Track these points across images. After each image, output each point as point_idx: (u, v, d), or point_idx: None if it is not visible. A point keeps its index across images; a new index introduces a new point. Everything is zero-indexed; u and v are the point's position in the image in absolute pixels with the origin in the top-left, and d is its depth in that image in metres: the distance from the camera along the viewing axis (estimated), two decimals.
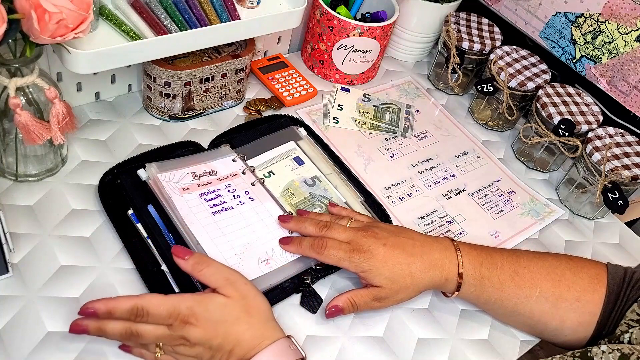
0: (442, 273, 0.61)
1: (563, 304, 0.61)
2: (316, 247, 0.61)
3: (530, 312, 0.62)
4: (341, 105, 0.89)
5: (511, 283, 0.62)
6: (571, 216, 0.84)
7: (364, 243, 0.61)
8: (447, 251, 0.62)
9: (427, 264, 0.61)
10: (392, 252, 0.60)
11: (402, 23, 0.98)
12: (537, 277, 0.62)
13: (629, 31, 0.82)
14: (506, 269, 0.62)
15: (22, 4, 0.50)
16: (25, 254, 0.60)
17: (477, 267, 0.62)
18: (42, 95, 0.60)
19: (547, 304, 0.61)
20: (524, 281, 0.62)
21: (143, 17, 0.69)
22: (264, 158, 0.75)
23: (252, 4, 0.77)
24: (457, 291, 0.62)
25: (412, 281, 0.60)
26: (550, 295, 0.61)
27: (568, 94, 0.87)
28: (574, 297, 0.61)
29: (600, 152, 0.78)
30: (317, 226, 0.63)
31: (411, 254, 0.61)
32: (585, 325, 0.61)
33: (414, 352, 0.63)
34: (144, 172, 0.67)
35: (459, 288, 0.62)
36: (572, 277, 0.62)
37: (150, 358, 0.54)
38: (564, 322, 0.61)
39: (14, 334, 0.54)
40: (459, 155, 0.88)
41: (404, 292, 0.61)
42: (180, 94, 0.76)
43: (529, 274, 0.62)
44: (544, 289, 0.61)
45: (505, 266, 0.62)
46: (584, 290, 0.61)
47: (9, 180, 0.66)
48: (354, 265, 0.60)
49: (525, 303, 0.62)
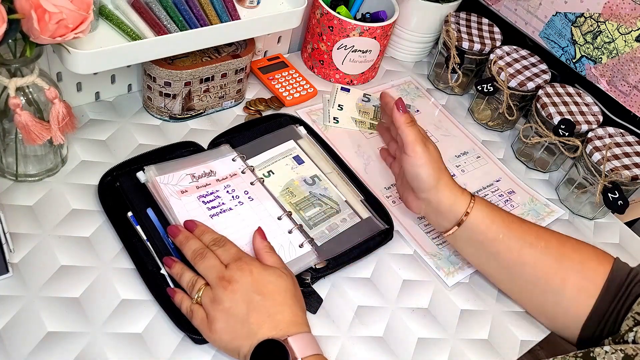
0: (456, 191, 0.65)
1: (567, 262, 0.62)
2: None
3: (535, 261, 0.63)
4: (341, 105, 0.89)
5: (519, 226, 0.64)
6: (571, 216, 0.84)
7: None
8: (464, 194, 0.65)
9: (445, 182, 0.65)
10: None
11: (402, 23, 0.98)
12: (543, 233, 0.64)
13: (629, 31, 0.82)
14: (514, 218, 0.65)
15: (22, 4, 0.50)
16: (25, 254, 0.60)
17: (488, 205, 0.65)
18: (42, 95, 0.60)
19: (551, 258, 0.62)
20: (531, 229, 0.64)
21: (143, 17, 0.69)
22: (264, 157, 0.75)
23: (252, 4, 0.77)
24: (458, 226, 0.64)
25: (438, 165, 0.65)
26: (554, 250, 0.63)
27: (568, 94, 0.87)
28: (578, 260, 0.62)
29: (600, 152, 0.78)
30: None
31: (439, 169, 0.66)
32: (586, 293, 0.61)
33: (414, 352, 0.63)
34: (143, 175, 0.67)
35: (460, 224, 0.64)
36: (577, 245, 0.65)
37: (187, 305, 0.56)
38: (566, 282, 0.62)
39: (14, 334, 0.54)
40: (459, 155, 0.88)
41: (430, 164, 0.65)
42: (180, 94, 0.76)
43: (535, 229, 0.65)
44: (550, 243, 0.63)
45: (513, 218, 0.65)
46: (589, 257, 0.63)
47: (9, 180, 0.66)
48: None
49: (530, 250, 0.63)
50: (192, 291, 0.57)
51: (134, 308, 0.59)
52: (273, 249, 0.62)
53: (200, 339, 0.57)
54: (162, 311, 0.59)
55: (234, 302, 0.54)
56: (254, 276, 0.56)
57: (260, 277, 0.56)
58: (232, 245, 0.60)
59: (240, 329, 0.54)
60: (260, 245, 0.62)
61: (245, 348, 0.53)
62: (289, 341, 0.53)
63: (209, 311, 0.55)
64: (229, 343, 0.54)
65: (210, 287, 0.56)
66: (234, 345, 0.54)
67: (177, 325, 0.57)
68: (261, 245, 0.62)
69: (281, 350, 0.52)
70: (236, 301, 0.54)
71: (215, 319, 0.54)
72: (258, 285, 0.56)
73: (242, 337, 0.54)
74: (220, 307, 0.54)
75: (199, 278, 0.57)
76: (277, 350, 0.52)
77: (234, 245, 0.60)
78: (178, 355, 0.57)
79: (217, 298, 0.55)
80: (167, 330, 0.58)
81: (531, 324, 0.69)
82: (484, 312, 0.69)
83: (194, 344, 0.58)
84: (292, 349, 0.52)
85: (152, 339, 0.57)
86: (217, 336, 0.54)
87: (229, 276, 0.56)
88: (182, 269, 0.59)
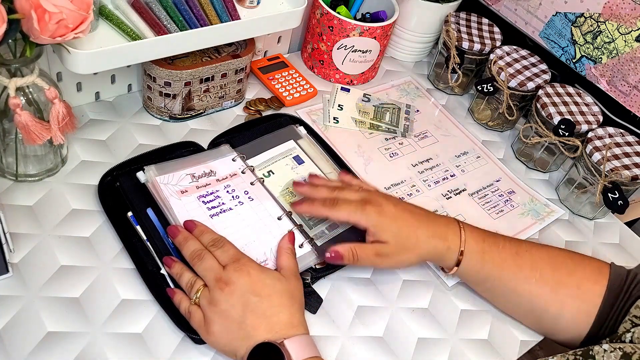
0: (445, 243, 0.62)
1: (563, 289, 0.62)
2: (328, 204, 0.63)
3: (530, 294, 0.62)
4: (341, 105, 0.89)
5: (512, 262, 0.63)
6: (571, 216, 0.84)
7: (376, 199, 0.63)
8: (451, 225, 0.64)
9: (431, 232, 0.62)
10: (402, 213, 0.62)
11: (402, 23, 0.98)
12: (538, 261, 0.63)
13: (629, 31, 0.82)
14: (507, 248, 0.63)
15: (22, 4, 0.50)
16: (25, 254, 0.60)
17: (479, 242, 0.63)
18: (42, 95, 0.60)
19: (547, 288, 0.62)
20: (525, 262, 0.63)
21: (143, 17, 0.69)
22: (264, 157, 0.75)
23: (252, 4, 0.77)
24: (457, 266, 0.63)
25: (416, 243, 0.62)
26: (550, 279, 0.62)
27: (568, 94, 0.87)
28: (574, 284, 0.62)
29: (600, 152, 0.78)
30: (330, 188, 0.65)
31: (418, 220, 0.63)
32: (584, 315, 0.61)
33: (414, 352, 0.63)
34: (143, 175, 0.67)
35: (459, 264, 0.63)
36: (573, 266, 0.63)
37: (186, 306, 0.57)
38: (564, 308, 0.61)
39: (14, 334, 0.54)
40: (459, 155, 0.88)
41: (406, 254, 0.62)
42: (180, 94, 0.76)
43: (529, 256, 0.63)
44: (545, 272, 0.62)
45: (506, 246, 0.64)
46: (586, 279, 0.62)
47: (9, 180, 0.66)
48: (365, 217, 0.61)
49: (525, 284, 0.62)
50: (190, 292, 0.57)
51: (134, 308, 0.59)
52: (294, 254, 0.63)
53: (200, 339, 0.57)
54: (162, 311, 0.59)
55: (231, 304, 0.54)
56: (251, 277, 0.56)
57: (258, 278, 0.56)
58: (230, 246, 0.60)
59: (237, 331, 0.54)
60: (285, 245, 0.63)
61: (242, 350, 0.53)
62: (285, 344, 0.53)
63: (206, 312, 0.55)
64: (225, 345, 0.54)
65: (208, 289, 0.56)
66: (231, 347, 0.54)
67: (177, 325, 0.57)
68: (285, 246, 0.63)
69: (277, 353, 0.52)
70: (233, 303, 0.54)
71: (212, 320, 0.54)
72: (255, 287, 0.55)
73: (238, 339, 0.53)
74: (217, 309, 0.54)
75: (198, 279, 0.57)
76: (273, 353, 0.52)
77: (233, 246, 0.60)
78: (178, 355, 0.57)
79: (214, 300, 0.55)
80: (167, 330, 0.58)
81: None
82: (484, 312, 0.69)
83: (194, 344, 0.58)
84: (288, 352, 0.52)
85: (152, 339, 0.57)
86: (214, 338, 0.54)
87: (226, 278, 0.56)
88: (182, 269, 0.59)
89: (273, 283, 0.57)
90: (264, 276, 0.57)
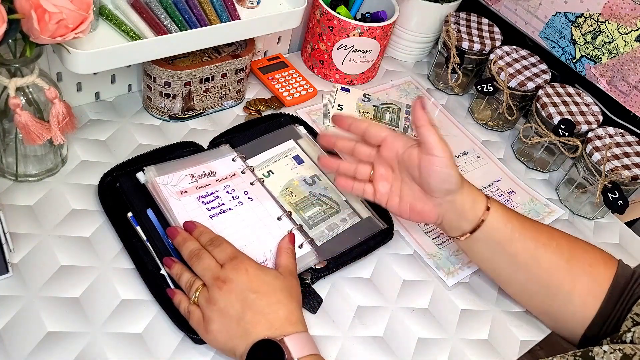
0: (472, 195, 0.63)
1: (577, 263, 0.62)
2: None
3: (548, 262, 0.63)
4: (341, 105, 0.89)
5: (531, 226, 0.64)
6: (571, 216, 0.84)
7: None
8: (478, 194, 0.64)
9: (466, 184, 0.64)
10: None
11: (402, 23, 0.98)
12: (554, 233, 0.65)
13: (629, 31, 0.82)
14: (528, 220, 0.65)
15: (22, 4, 0.50)
16: (25, 254, 0.60)
17: (503, 207, 0.64)
18: (42, 95, 0.60)
19: (562, 260, 0.63)
20: (543, 231, 0.64)
21: (143, 17, 0.69)
22: (264, 157, 0.75)
23: (252, 4, 0.77)
24: (479, 227, 0.62)
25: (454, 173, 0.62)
26: (566, 250, 0.63)
27: (568, 94, 0.87)
28: (587, 262, 0.63)
29: (600, 152, 0.78)
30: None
31: None
32: (592, 298, 0.61)
33: (414, 352, 0.63)
34: (143, 175, 0.67)
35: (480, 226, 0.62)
36: (585, 246, 0.65)
37: (185, 306, 0.57)
38: (575, 285, 0.62)
39: (14, 334, 0.54)
40: (459, 155, 0.88)
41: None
42: (180, 94, 0.76)
43: (547, 228, 0.66)
44: (561, 243, 0.64)
45: (527, 220, 0.65)
46: (597, 260, 0.63)
47: (9, 180, 0.66)
48: None
49: (543, 250, 0.63)
50: (189, 292, 0.57)
51: (134, 308, 0.59)
52: (294, 254, 0.63)
53: (200, 339, 0.57)
54: (162, 311, 0.59)
55: (229, 302, 0.54)
56: (249, 275, 0.56)
57: (256, 276, 0.56)
58: (228, 245, 0.60)
59: (236, 329, 0.54)
60: (285, 245, 0.63)
61: (241, 348, 0.53)
62: (285, 341, 0.53)
63: (205, 311, 0.55)
64: (224, 344, 0.54)
65: (207, 288, 0.56)
66: (230, 345, 0.54)
67: (177, 325, 0.57)
68: (285, 246, 0.63)
69: (277, 350, 0.52)
70: (231, 301, 0.54)
71: (210, 319, 0.54)
72: (253, 284, 0.56)
73: (237, 337, 0.53)
74: (216, 308, 0.54)
75: (197, 279, 0.57)
76: (272, 350, 0.52)
77: (230, 245, 0.60)
78: (178, 355, 0.57)
79: (212, 298, 0.55)
80: (167, 330, 0.58)
81: (531, 324, 0.69)
82: (484, 312, 0.69)
83: (194, 344, 0.58)
84: (288, 349, 0.52)
85: (152, 339, 0.57)
86: (213, 336, 0.54)
87: (224, 276, 0.56)
88: (181, 269, 0.59)
89: (271, 280, 0.57)
90: (261, 274, 0.57)
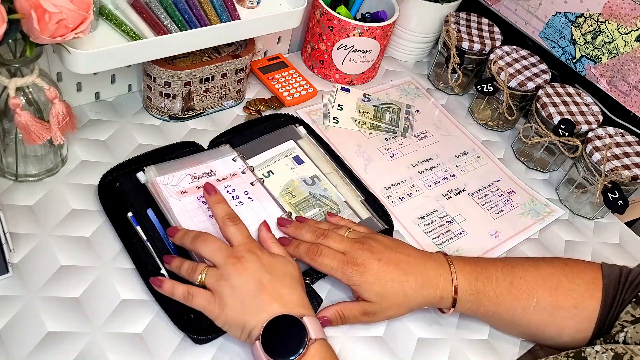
0: (437, 291, 0.60)
1: (560, 312, 0.61)
2: (311, 254, 0.61)
3: (528, 322, 0.62)
4: (341, 105, 0.89)
5: (508, 295, 0.61)
6: (571, 216, 0.84)
7: (358, 256, 0.60)
8: (441, 269, 0.61)
9: (420, 282, 0.60)
10: (386, 268, 0.59)
11: (402, 23, 0.98)
12: (533, 287, 0.61)
13: (629, 31, 0.82)
14: (501, 281, 0.61)
15: (22, 4, 0.50)
16: (25, 254, 0.60)
17: (473, 282, 0.61)
18: (42, 95, 0.60)
19: (545, 314, 0.61)
20: (521, 292, 0.61)
21: (143, 17, 0.69)
22: (264, 157, 0.75)
23: (252, 4, 0.77)
24: (453, 307, 0.62)
25: (404, 299, 0.60)
26: (547, 304, 0.61)
27: (568, 94, 0.87)
28: (571, 305, 0.61)
29: (600, 152, 0.78)
30: (315, 233, 0.63)
31: (405, 272, 0.60)
32: (583, 331, 0.61)
33: (414, 352, 0.63)
34: (143, 175, 0.67)
35: (455, 304, 0.61)
36: (568, 285, 0.62)
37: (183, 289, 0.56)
38: (562, 330, 0.61)
39: (14, 334, 0.54)
40: (459, 155, 0.88)
41: (394, 309, 0.61)
42: (180, 94, 0.76)
43: (525, 284, 0.61)
44: (541, 298, 0.61)
45: (500, 278, 0.62)
46: (581, 297, 0.61)
47: (9, 180, 0.66)
48: (346, 277, 0.60)
49: (523, 314, 0.61)
50: (193, 275, 0.56)
51: (134, 308, 0.59)
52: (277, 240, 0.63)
53: (200, 339, 0.57)
54: (162, 311, 0.59)
55: (243, 279, 0.54)
56: (262, 259, 0.57)
57: (268, 262, 0.57)
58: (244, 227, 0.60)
59: (249, 304, 0.53)
60: (267, 236, 0.62)
61: (251, 323, 0.53)
62: (304, 320, 0.53)
63: (216, 288, 0.55)
64: (234, 318, 0.54)
65: (217, 267, 0.56)
66: (240, 320, 0.53)
67: (177, 325, 0.57)
68: (267, 236, 0.62)
69: (297, 327, 0.52)
70: (246, 278, 0.54)
71: (223, 294, 0.54)
72: (267, 267, 0.56)
73: (251, 312, 0.53)
74: (229, 283, 0.54)
75: (200, 263, 0.57)
76: (288, 328, 0.52)
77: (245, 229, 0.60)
78: (178, 355, 0.57)
79: (224, 274, 0.55)
80: (167, 330, 0.58)
81: None
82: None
83: (194, 344, 0.58)
84: (307, 328, 0.53)
85: (152, 339, 0.57)
86: (226, 311, 0.54)
87: (238, 254, 0.56)
88: (181, 260, 0.58)
89: (283, 266, 0.58)
90: (273, 260, 0.58)
